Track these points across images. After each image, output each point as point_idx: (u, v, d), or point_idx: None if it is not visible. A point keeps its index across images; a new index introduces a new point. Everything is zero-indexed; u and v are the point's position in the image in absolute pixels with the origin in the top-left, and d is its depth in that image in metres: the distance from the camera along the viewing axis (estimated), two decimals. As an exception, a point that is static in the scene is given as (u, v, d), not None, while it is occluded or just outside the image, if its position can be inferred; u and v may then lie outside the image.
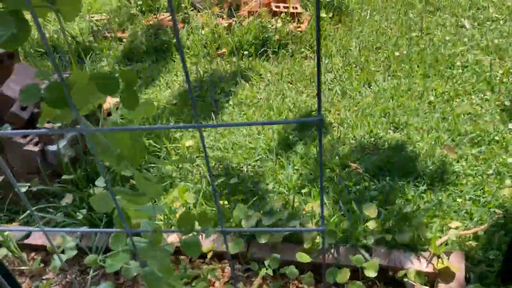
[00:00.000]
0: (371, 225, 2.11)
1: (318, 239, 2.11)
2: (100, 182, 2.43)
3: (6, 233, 2.20)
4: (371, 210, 2.16)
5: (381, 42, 4.08)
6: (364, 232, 2.13)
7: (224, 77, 3.84)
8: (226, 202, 2.42)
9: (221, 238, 2.23)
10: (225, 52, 4.15)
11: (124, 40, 4.45)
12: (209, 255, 2.18)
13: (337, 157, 2.78)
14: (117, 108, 2.82)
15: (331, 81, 3.63)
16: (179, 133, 3.07)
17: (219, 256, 2.22)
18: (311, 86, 3.60)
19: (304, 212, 2.29)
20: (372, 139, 2.95)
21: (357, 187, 2.54)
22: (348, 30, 4.36)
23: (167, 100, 3.62)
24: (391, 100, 3.27)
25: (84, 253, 2.26)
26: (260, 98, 3.50)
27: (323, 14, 4.35)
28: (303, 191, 2.54)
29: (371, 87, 3.48)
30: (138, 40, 4.34)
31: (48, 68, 4.21)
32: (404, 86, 3.41)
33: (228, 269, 2.17)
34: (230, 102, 3.50)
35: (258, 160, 2.85)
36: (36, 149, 2.51)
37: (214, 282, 2.11)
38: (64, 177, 2.47)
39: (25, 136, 2.56)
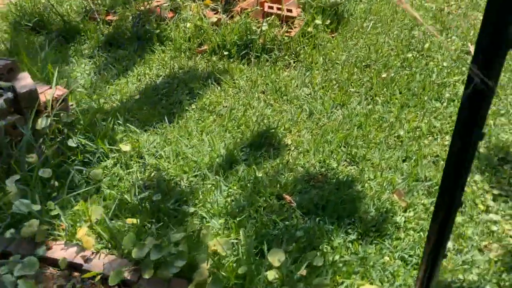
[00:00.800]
0: (270, 275, 1.91)
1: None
2: (9, 182, 2.32)
3: None
4: (276, 257, 1.96)
5: (372, 59, 3.77)
6: (261, 282, 1.93)
7: (198, 76, 3.65)
8: (135, 221, 2.27)
9: (114, 262, 2.08)
10: (206, 49, 3.95)
11: (112, 24, 4.32)
12: (97, 278, 2.04)
13: (277, 186, 2.57)
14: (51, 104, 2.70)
15: (305, 96, 3.38)
16: (120, 135, 2.93)
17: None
18: (282, 99, 3.36)
19: (209, 246, 2.10)
20: (323, 169, 2.72)
21: (285, 223, 2.33)
22: (343, 41, 4.06)
23: (131, 94, 3.48)
24: (356, 128, 3.00)
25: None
26: (225, 106, 3.30)
27: (318, 21, 4.06)
28: (221, 221, 2.34)
29: (343, 109, 3.21)
30: (124, 26, 4.20)
31: (35, 44, 4.15)
32: (376, 114, 3.13)
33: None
34: (193, 106, 3.32)
35: (196, 175, 2.67)
36: (-45, 136, 2.42)
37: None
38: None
39: (-50, 121, 2.48)
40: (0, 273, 1.99)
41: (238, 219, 2.33)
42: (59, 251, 2.19)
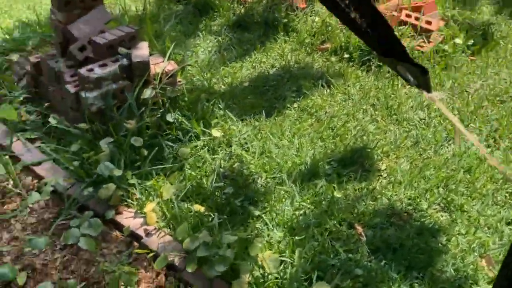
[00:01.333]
0: (308, 310, 1.80)
1: (248, 295, 1.88)
2: (103, 143, 2.51)
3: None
4: (319, 292, 1.84)
5: (510, 95, 3.27)
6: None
7: (310, 74, 3.54)
8: (202, 210, 2.30)
9: (169, 244, 2.15)
10: (328, 48, 3.80)
11: (246, 6, 4.37)
12: (150, 255, 2.13)
13: (353, 212, 2.39)
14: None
15: (417, 121, 3.07)
16: (216, 119, 2.97)
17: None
18: (390, 118, 3.10)
19: (258, 258, 2.04)
20: (410, 207, 2.46)
21: (348, 255, 2.17)
22: (481, 67, 3.58)
23: (242, 79, 3.50)
24: (463, 171, 2.64)
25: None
26: (328, 112, 3.15)
27: (459, 40, 3.63)
28: (280, 234, 2.25)
29: (454, 146, 2.85)
30: (255, 9, 4.22)
31: (172, 13, 4.41)
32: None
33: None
34: (295, 104, 3.23)
35: (274, 178, 2.62)
36: (72, 90, 2.68)
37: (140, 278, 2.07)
38: (81, 125, 2.61)
39: (73, 75, 2.75)
40: (71, 225, 2.18)
41: (299, 237, 2.23)
42: (127, 218, 2.33)
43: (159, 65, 2.90)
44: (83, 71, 2.62)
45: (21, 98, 3.09)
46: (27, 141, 2.83)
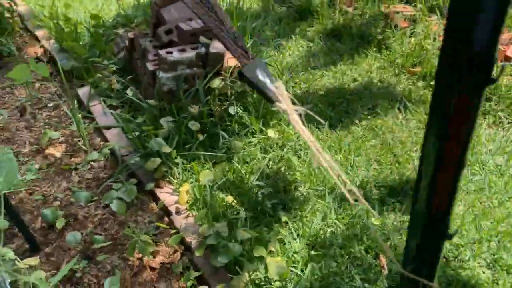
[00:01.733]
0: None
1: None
2: (163, 121, 2.69)
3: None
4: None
5: None
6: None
7: (390, 95, 3.39)
8: (233, 203, 2.36)
9: (191, 226, 2.24)
10: (417, 72, 3.59)
11: (348, 15, 4.31)
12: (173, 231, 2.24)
13: (386, 243, 2.27)
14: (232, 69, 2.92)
15: (493, 166, 2.78)
16: (277, 120, 2.99)
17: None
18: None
19: (266, 261, 2.03)
20: (450, 253, 2.25)
21: (364, 284, 2.07)
22: None
23: (318, 88, 3.48)
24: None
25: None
26: (397, 136, 3.00)
27: None
28: (299, 245, 2.22)
29: (526, 202, 2.53)
30: (354, 21, 4.15)
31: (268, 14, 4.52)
32: None
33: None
34: (364, 122, 3.12)
35: (316, 190, 2.57)
36: (150, 68, 2.90)
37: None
38: (150, 101, 2.81)
39: (155, 55, 2.97)
40: (113, 188, 2.38)
41: (317, 252, 2.17)
42: (164, 193, 2.47)
43: (234, 59, 3.01)
44: (162, 52, 2.82)
45: (114, 68, 3.43)
46: (108, 107, 3.14)
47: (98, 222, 2.40)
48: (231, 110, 2.88)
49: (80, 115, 3.09)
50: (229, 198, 2.38)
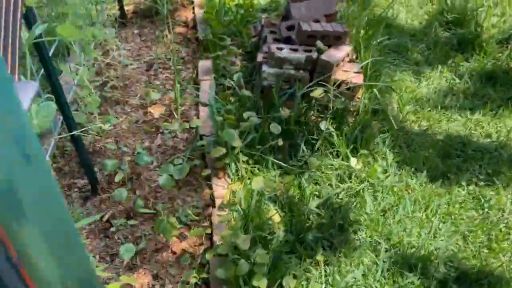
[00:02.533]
0: None
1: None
2: (247, 114, 2.65)
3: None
4: None
5: None
6: None
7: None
8: (276, 220, 2.21)
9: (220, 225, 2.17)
10: None
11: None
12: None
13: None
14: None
15: None
16: (366, 151, 2.69)
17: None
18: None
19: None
20: None
21: None
22: None
23: (438, 131, 3.03)
24: None
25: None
26: (504, 215, 2.46)
27: None
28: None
29: None
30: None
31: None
32: None
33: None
34: (472, 187, 2.63)
35: (371, 239, 2.27)
36: (259, 59, 2.85)
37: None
38: (244, 90, 2.78)
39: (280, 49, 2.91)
40: (174, 162, 2.44)
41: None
42: (219, 185, 2.44)
43: (346, 73, 2.78)
44: (273, 46, 2.75)
45: (240, 50, 3.48)
46: (217, 85, 3.21)
47: (153, 189, 2.49)
48: (322, 125, 2.69)
49: (189, 86, 3.22)
50: (275, 217, 2.25)
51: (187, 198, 2.45)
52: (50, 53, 2.00)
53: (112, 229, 2.28)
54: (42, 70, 1.97)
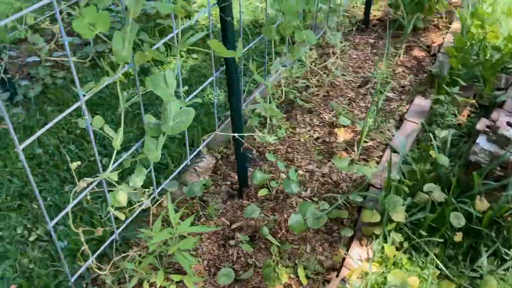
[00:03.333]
0: None
1: None
2: (428, 187, 2.15)
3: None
4: None
5: None
6: None
7: None
8: None
9: None
10: None
11: None
12: None
13: None
14: None
15: None
16: None
17: None
18: None
19: None
20: None
21: None
22: None
23: None
24: None
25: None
26: None
27: None
28: None
29: None
30: None
31: None
32: None
33: None
34: None
35: None
36: (478, 126, 2.22)
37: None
38: (443, 158, 2.21)
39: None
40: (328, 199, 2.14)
41: None
42: (355, 253, 2.05)
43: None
44: (504, 118, 2.09)
45: (473, 100, 2.84)
46: (423, 132, 2.71)
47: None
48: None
49: (390, 120, 2.81)
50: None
51: (319, 247, 2.14)
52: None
53: (232, 241, 2.16)
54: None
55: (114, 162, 1.50)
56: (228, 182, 2.49)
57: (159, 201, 1.99)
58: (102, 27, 1.24)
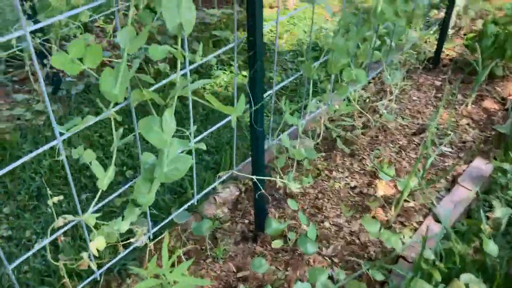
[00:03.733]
0: None
1: None
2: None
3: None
4: None
5: None
6: None
7: None
8: None
9: None
10: None
11: None
12: None
13: None
14: None
15: None
16: None
17: None
18: None
19: None
20: None
21: None
22: None
23: None
24: None
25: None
26: None
27: None
28: None
29: None
30: None
31: None
32: None
33: None
34: None
35: None
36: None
37: None
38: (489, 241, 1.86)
39: None
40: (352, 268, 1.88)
41: None
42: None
43: None
44: None
45: None
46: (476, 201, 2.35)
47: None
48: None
49: (440, 180, 2.48)
50: None
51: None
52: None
53: (235, 292, 1.97)
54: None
55: (97, 203, 1.36)
56: (246, 221, 2.30)
57: (161, 237, 1.84)
58: (91, 62, 1.09)
